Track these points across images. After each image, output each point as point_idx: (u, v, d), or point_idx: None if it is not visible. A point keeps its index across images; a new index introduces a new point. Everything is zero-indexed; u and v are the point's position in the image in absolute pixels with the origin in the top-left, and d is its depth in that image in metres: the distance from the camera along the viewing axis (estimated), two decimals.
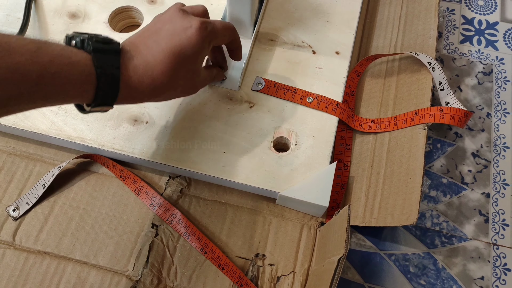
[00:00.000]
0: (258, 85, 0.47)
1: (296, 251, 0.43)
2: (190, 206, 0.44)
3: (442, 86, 0.45)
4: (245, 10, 0.46)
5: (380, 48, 0.52)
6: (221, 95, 0.47)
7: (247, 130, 0.45)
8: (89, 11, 0.51)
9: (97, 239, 0.43)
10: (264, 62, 0.49)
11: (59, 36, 0.49)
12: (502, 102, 0.53)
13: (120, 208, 0.44)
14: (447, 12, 0.59)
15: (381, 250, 0.45)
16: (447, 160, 0.50)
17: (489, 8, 0.60)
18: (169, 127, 0.45)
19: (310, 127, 0.45)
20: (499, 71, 0.55)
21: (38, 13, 0.51)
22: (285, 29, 0.51)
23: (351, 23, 0.52)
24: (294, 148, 0.44)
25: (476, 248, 0.45)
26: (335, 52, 0.50)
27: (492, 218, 0.47)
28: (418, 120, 0.44)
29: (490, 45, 0.57)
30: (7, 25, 0.50)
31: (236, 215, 0.44)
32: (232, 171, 0.43)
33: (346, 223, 0.34)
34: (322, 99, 0.46)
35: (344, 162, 0.46)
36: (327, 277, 0.34)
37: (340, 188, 0.45)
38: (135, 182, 0.44)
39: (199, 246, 0.42)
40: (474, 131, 0.52)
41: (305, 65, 0.49)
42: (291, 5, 0.53)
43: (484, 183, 0.49)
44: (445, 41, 0.57)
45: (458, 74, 0.55)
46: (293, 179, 0.43)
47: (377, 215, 0.41)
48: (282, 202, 0.44)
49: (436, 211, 0.47)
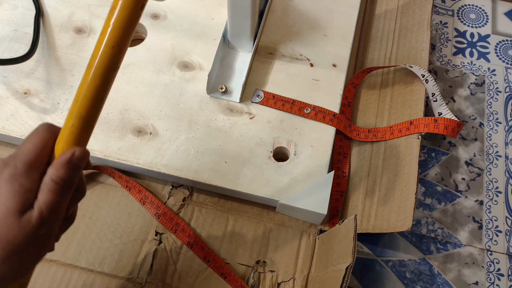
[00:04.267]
0: (257, 97, 0.49)
1: (296, 257, 0.44)
2: (193, 214, 0.46)
3: (435, 97, 0.47)
4: (246, 25, 0.47)
5: (376, 61, 0.54)
6: (222, 107, 0.48)
7: (247, 141, 0.46)
8: (94, 26, 0.53)
9: (102, 247, 0.44)
10: (263, 75, 0.51)
11: (65, 50, 0.51)
12: (494, 112, 0.55)
13: (124, 216, 0.45)
14: (440, 25, 0.61)
15: (378, 257, 0.46)
16: (442, 169, 0.51)
17: (480, 21, 0.62)
18: (172, 138, 0.46)
19: (309, 137, 0.47)
20: (491, 82, 0.57)
21: (45, 28, 0.52)
22: (284, 43, 0.53)
23: (347, 36, 0.54)
24: (293, 158, 0.46)
25: (471, 254, 0.47)
26: (332, 65, 0.52)
27: (485, 224, 0.48)
28: (413, 129, 0.46)
29: (482, 57, 0.59)
30: (15, 40, 0.52)
31: (237, 223, 0.46)
32: (233, 180, 0.44)
33: (353, 232, 0.36)
34: (320, 110, 0.48)
35: (342, 170, 0.48)
36: (333, 285, 0.35)
37: (340, 196, 0.46)
38: (141, 192, 0.46)
39: (202, 255, 0.43)
40: (467, 141, 0.53)
41: (303, 77, 0.51)
42: (289, 20, 0.54)
43: (478, 191, 0.50)
44: (438, 53, 0.59)
45: (451, 85, 0.57)
46: (292, 187, 0.44)
47: (373, 222, 0.43)
48: (282, 210, 0.46)
49: (431, 218, 0.48)
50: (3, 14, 0.53)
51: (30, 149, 0.26)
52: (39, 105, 0.48)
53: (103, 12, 0.54)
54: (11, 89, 0.48)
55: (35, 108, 0.47)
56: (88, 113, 0.27)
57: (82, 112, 0.27)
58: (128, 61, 0.51)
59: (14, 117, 0.47)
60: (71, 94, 0.48)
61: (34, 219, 0.25)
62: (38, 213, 0.25)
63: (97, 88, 0.27)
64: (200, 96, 0.49)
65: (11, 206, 0.25)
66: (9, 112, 0.47)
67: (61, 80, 0.49)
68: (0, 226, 0.25)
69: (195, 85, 0.49)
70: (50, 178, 0.26)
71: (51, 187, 0.26)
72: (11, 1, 0.54)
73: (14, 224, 0.25)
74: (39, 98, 0.48)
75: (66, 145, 0.27)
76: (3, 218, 0.25)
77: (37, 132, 0.27)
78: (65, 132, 0.27)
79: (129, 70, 0.50)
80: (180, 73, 0.50)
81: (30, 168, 0.26)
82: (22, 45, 0.51)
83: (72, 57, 0.51)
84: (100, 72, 0.27)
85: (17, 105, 0.47)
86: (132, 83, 0.49)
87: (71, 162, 0.26)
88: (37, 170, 0.26)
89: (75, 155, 0.26)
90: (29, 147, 0.26)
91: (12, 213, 0.25)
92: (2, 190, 0.25)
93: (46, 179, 0.26)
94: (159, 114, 0.47)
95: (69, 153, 0.26)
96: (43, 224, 0.26)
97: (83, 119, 0.27)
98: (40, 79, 0.49)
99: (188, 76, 0.50)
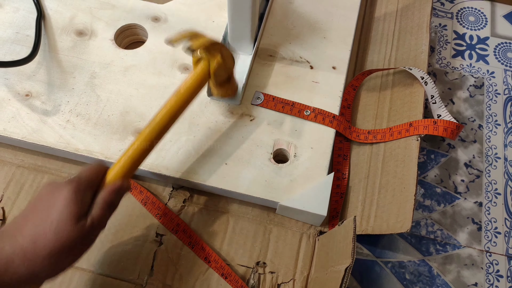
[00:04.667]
0: (258, 99, 0.49)
1: (296, 259, 0.44)
2: (193, 215, 0.46)
3: (434, 99, 0.47)
4: (246, 28, 0.48)
5: (375, 63, 0.55)
6: (223, 109, 0.49)
7: (247, 142, 0.47)
8: (96, 29, 0.53)
9: (103, 249, 0.44)
10: (263, 77, 0.51)
11: (67, 53, 0.51)
12: (493, 114, 0.55)
13: (125, 218, 0.46)
14: (439, 28, 0.62)
15: (378, 258, 0.47)
16: (441, 170, 0.52)
17: (480, 23, 0.63)
18: (172, 140, 0.47)
19: (309, 139, 0.47)
20: (490, 84, 0.58)
21: (47, 31, 0.53)
22: (284, 45, 0.53)
23: (347, 39, 0.54)
24: (293, 160, 0.46)
25: (470, 256, 0.47)
26: (331, 67, 0.52)
27: (484, 226, 0.49)
28: (413, 131, 0.46)
29: (481, 59, 0.60)
30: (17, 42, 0.52)
31: (237, 224, 0.46)
32: (233, 182, 0.45)
33: (352, 233, 0.36)
34: (319, 112, 0.48)
35: (342, 172, 0.48)
36: (333, 286, 0.35)
37: (340, 197, 0.47)
38: (142, 193, 0.46)
39: (203, 255, 0.43)
40: (466, 142, 0.53)
41: (303, 79, 0.51)
42: (289, 23, 0.55)
43: (477, 193, 0.50)
44: (437, 55, 0.59)
45: (451, 87, 0.57)
46: (292, 189, 0.45)
47: (373, 223, 0.43)
48: (282, 212, 0.46)
49: (431, 219, 0.49)
50: (4, 16, 0.54)
51: (91, 173, 0.35)
52: (40, 107, 0.48)
53: (104, 15, 0.54)
54: (12, 91, 0.49)
55: (36, 110, 0.48)
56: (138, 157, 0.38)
57: (134, 155, 0.38)
58: (129, 63, 0.51)
59: (16, 119, 0.47)
60: (72, 96, 0.49)
61: (87, 226, 0.33)
62: (91, 221, 0.33)
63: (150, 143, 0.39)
64: (200, 98, 0.49)
65: (73, 211, 0.32)
66: (11, 114, 0.47)
67: (62, 83, 0.49)
68: (59, 227, 0.31)
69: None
70: (103, 199, 0.35)
71: (102, 206, 0.34)
72: (13, 4, 0.55)
73: (70, 227, 0.32)
74: (40, 100, 0.48)
75: (116, 176, 0.37)
76: (62, 220, 0.32)
77: (95, 164, 0.37)
78: (117, 166, 0.37)
79: (130, 73, 0.50)
80: (181, 75, 0.50)
81: (89, 187, 0.34)
82: (23, 48, 0.52)
83: (73, 59, 0.51)
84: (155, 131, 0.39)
85: (18, 107, 0.48)
86: (133, 85, 0.50)
87: (120, 190, 0.36)
88: (92, 190, 0.35)
89: (124, 185, 0.37)
90: (90, 172, 0.35)
91: (72, 217, 0.32)
92: (66, 197, 0.32)
93: (99, 199, 0.35)
94: None
95: (119, 183, 0.36)
96: (92, 230, 0.34)
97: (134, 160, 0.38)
98: (42, 81, 0.49)
99: None
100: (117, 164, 0.37)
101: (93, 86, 0.49)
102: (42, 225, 0.32)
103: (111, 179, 0.37)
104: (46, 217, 0.32)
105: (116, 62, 0.51)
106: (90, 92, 0.49)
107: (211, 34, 0.53)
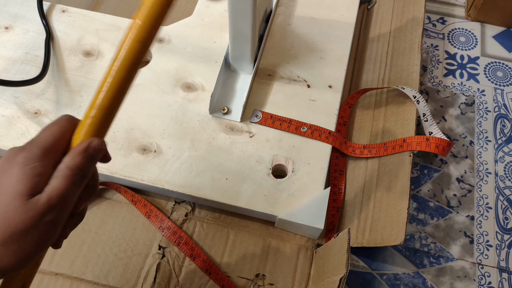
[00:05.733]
0: (256, 117, 0.51)
1: (294, 271, 0.46)
2: (195, 229, 0.48)
3: (426, 117, 0.50)
4: (246, 48, 0.50)
5: (370, 82, 0.57)
6: (223, 126, 0.51)
7: (247, 158, 0.49)
8: (102, 49, 0.55)
9: (107, 261, 0.46)
10: (263, 95, 0.53)
11: (74, 72, 0.54)
12: (484, 131, 0.57)
13: (129, 231, 0.47)
14: (431, 48, 0.64)
15: (374, 270, 0.48)
16: (434, 185, 0.53)
17: (470, 44, 0.65)
18: (175, 156, 0.48)
19: (306, 155, 0.49)
20: (481, 102, 0.60)
21: (55, 51, 0.55)
22: (282, 65, 0.55)
23: (343, 59, 0.56)
24: (291, 175, 0.48)
25: (462, 268, 0.48)
26: (328, 86, 0.54)
27: (476, 239, 0.50)
28: (406, 147, 0.48)
29: (472, 78, 0.62)
30: (26, 63, 0.54)
31: (237, 237, 0.47)
32: (233, 196, 0.46)
33: (347, 245, 0.37)
34: (316, 129, 0.50)
35: (339, 187, 0.50)
36: None
37: (336, 211, 0.48)
38: (146, 206, 0.48)
39: (204, 267, 0.45)
40: (458, 158, 0.55)
41: (301, 98, 0.53)
42: (287, 43, 0.57)
43: (469, 207, 0.52)
44: (430, 74, 0.62)
45: (443, 105, 0.59)
46: (290, 203, 0.46)
47: (368, 236, 0.44)
48: (281, 225, 0.47)
49: (424, 233, 0.50)
50: (15, 38, 0.56)
51: (47, 136, 0.26)
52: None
53: (111, 36, 0.56)
54: (22, 109, 0.51)
55: None
56: (109, 105, 0.27)
57: (104, 103, 0.27)
58: (134, 82, 0.53)
59: (25, 136, 0.49)
60: (80, 114, 0.50)
61: (41, 203, 0.25)
62: (47, 198, 0.25)
63: (120, 80, 0.28)
64: (202, 115, 0.51)
65: (19, 189, 0.25)
66: (20, 131, 0.49)
67: (70, 101, 0.52)
68: (6, 208, 0.24)
69: (198, 105, 0.52)
70: (65, 165, 0.26)
71: (65, 173, 0.26)
72: (23, 26, 0.57)
73: (20, 207, 0.24)
74: (49, 118, 0.50)
75: (84, 135, 0.27)
76: (9, 200, 0.24)
77: (57, 122, 0.27)
78: (84, 122, 0.27)
79: (135, 91, 0.52)
80: (183, 93, 0.53)
81: (45, 154, 0.26)
82: (33, 67, 0.54)
83: (80, 78, 0.53)
84: (124, 65, 0.28)
85: (27, 125, 0.50)
86: (138, 103, 0.52)
87: (87, 151, 0.27)
88: (52, 157, 0.26)
89: (92, 144, 0.27)
90: (47, 133, 0.26)
91: (19, 196, 0.24)
92: (13, 173, 0.25)
93: (60, 166, 0.26)
94: (162, 133, 0.50)
95: (87, 143, 0.27)
96: (50, 210, 0.25)
97: (104, 110, 0.27)
98: (50, 99, 0.52)
99: (191, 97, 0.52)
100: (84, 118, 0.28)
101: None
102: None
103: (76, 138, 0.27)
104: None
105: None
106: None
107: (213, 54, 0.56)
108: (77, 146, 0.27)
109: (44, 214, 0.25)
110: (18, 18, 0.58)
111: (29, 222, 0.24)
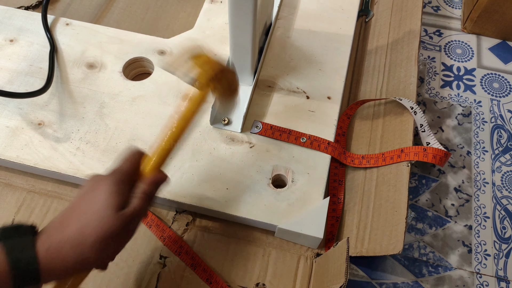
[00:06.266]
0: (256, 128, 0.52)
1: (294, 280, 0.46)
2: (196, 238, 0.48)
3: (423, 128, 0.50)
4: (246, 60, 0.51)
5: (368, 93, 0.58)
6: (224, 137, 0.51)
7: (247, 168, 0.49)
8: (105, 62, 0.56)
9: (108, 270, 0.45)
10: (263, 106, 0.54)
11: (77, 84, 0.55)
12: (481, 141, 0.58)
13: (130, 241, 0.47)
14: (428, 60, 0.65)
15: (373, 279, 0.48)
16: (432, 195, 0.54)
17: (466, 56, 0.66)
18: (176, 166, 0.49)
19: (305, 165, 0.50)
20: (477, 113, 0.61)
21: (59, 63, 0.56)
22: (282, 77, 0.56)
23: (341, 71, 0.57)
24: (291, 185, 0.49)
25: (461, 277, 0.49)
26: (327, 97, 0.55)
27: (474, 248, 0.51)
28: (404, 157, 0.49)
29: (468, 89, 0.63)
30: (30, 75, 0.55)
31: (238, 247, 0.48)
32: (234, 206, 0.47)
33: (346, 254, 0.38)
34: (315, 139, 0.51)
35: (338, 197, 0.51)
36: None
37: (335, 221, 0.49)
38: (147, 216, 0.48)
39: (204, 277, 0.45)
40: (455, 168, 0.56)
41: (300, 109, 0.54)
42: (287, 55, 0.58)
43: (467, 216, 0.53)
44: (427, 86, 0.63)
45: (440, 116, 0.60)
46: (290, 213, 0.47)
47: (367, 245, 0.45)
48: (281, 235, 0.48)
49: (423, 242, 0.51)
50: (20, 50, 0.57)
51: (128, 166, 0.36)
52: (52, 135, 0.51)
53: (113, 49, 0.58)
54: (26, 120, 0.52)
55: (48, 138, 0.50)
56: (170, 148, 0.39)
57: (166, 147, 0.38)
58: (136, 94, 0.54)
59: (29, 146, 0.50)
60: (82, 125, 0.52)
61: (128, 215, 0.34)
62: (131, 211, 0.34)
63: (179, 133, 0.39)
64: (203, 126, 0.52)
65: (111, 202, 0.33)
66: (24, 142, 0.50)
67: (73, 112, 0.52)
68: (102, 217, 0.33)
69: (198, 116, 0.53)
70: (142, 190, 0.36)
71: (142, 196, 0.36)
72: (27, 38, 0.58)
73: (112, 215, 0.33)
74: (52, 128, 0.51)
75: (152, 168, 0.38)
76: (104, 209, 0.33)
77: (133, 154, 0.38)
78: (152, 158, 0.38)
79: (137, 103, 0.53)
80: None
81: (128, 179, 0.36)
82: (37, 79, 0.55)
83: (84, 90, 0.54)
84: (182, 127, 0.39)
85: (31, 135, 0.51)
86: (140, 114, 0.53)
87: (157, 183, 0.37)
88: (131, 182, 0.36)
89: (162, 178, 0.38)
90: (128, 164, 0.37)
91: (111, 207, 0.33)
92: (105, 190, 0.34)
93: (138, 190, 0.36)
94: None
95: (158, 176, 0.37)
96: (132, 220, 0.35)
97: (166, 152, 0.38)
98: (54, 111, 0.52)
99: None
100: (152, 157, 0.38)
101: (102, 115, 0.52)
102: (86, 216, 0.33)
103: (147, 170, 0.38)
104: (90, 209, 0.33)
105: (124, 92, 0.54)
106: (99, 121, 0.52)
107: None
108: (152, 177, 0.37)
109: (129, 223, 0.34)
110: (23, 31, 0.59)
111: (119, 227, 0.33)
